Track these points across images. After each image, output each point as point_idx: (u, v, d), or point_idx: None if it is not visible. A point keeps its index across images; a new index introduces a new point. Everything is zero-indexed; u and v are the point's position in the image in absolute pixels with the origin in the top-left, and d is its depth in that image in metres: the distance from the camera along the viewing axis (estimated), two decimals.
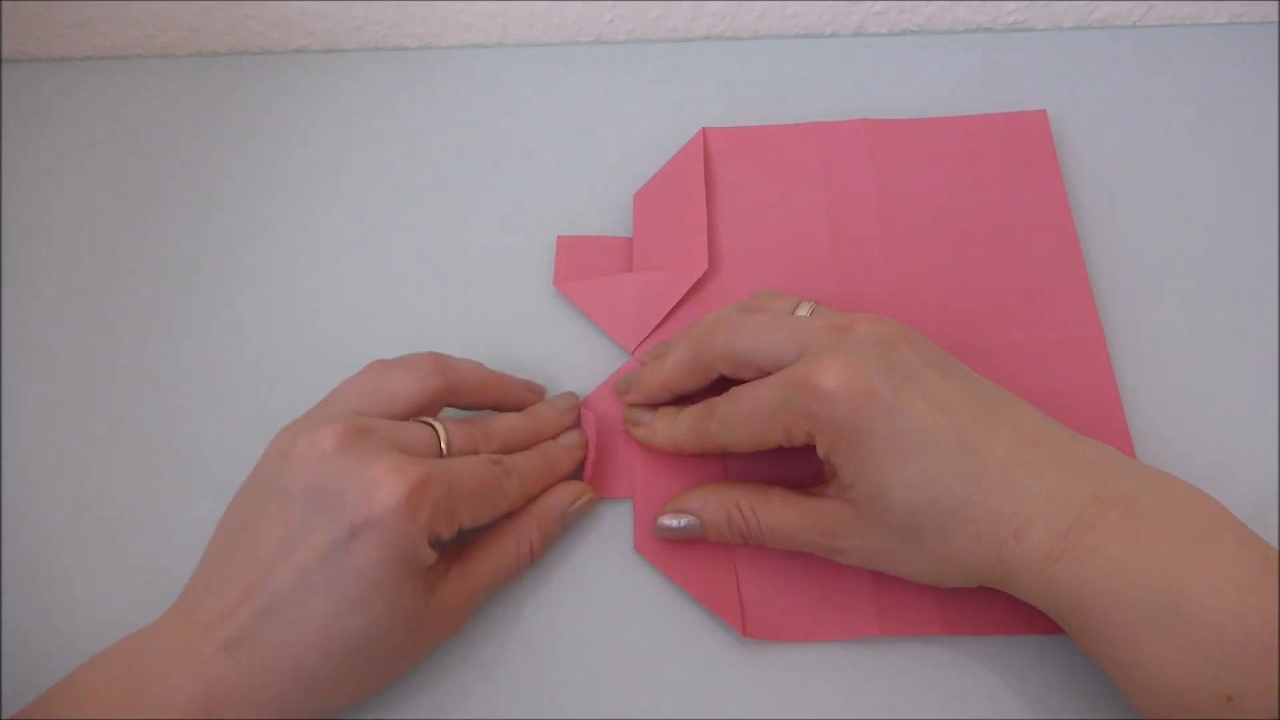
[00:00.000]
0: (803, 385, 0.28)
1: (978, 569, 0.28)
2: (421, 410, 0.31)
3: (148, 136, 0.44)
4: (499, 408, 0.34)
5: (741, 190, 0.40)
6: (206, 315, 0.39)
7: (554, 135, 0.43)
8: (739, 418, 0.30)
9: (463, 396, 0.33)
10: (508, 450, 0.32)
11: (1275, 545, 0.26)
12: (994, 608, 0.30)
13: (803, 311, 0.32)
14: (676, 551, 0.33)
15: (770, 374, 0.30)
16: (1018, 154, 0.40)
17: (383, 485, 0.26)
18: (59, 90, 0.46)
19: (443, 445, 0.30)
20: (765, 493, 0.31)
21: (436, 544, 0.28)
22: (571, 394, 0.36)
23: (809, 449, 0.29)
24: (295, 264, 0.40)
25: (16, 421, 0.37)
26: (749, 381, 0.30)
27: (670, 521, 0.32)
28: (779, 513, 0.30)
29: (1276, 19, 0.45)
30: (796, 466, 0.33)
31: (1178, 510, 0.26)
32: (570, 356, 0.37)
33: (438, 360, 0.32)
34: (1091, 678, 0.30)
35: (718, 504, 0.31)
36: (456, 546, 0.30)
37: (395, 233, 0.41)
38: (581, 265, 0.39)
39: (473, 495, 0.29)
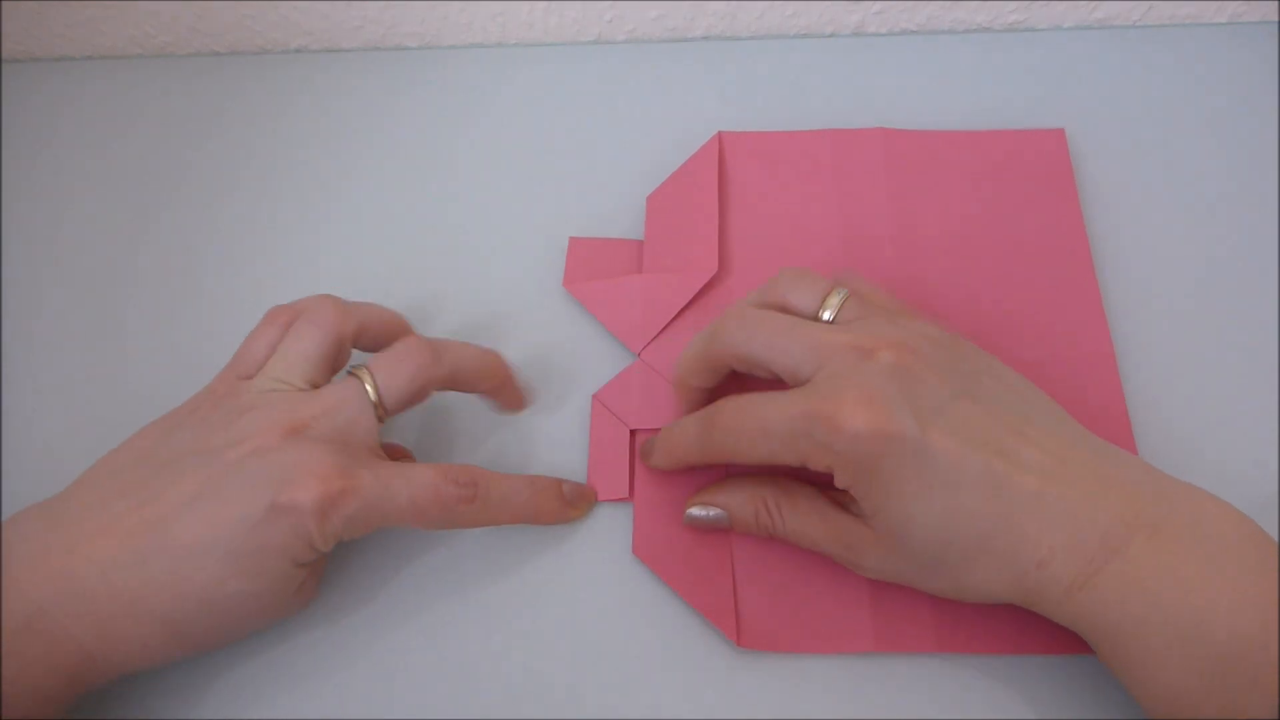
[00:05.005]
0: (826, 422, 0.27)
1: (999, 594, 0.27)
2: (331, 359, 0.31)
3: (148, 136, 0.44)
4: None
5: (755, 194, 0.40)
6: (207, 315, 0.40)
7: (551, 136, 0.43)
8: (749, 435, 0.29)
9: (366, 339, 0.33)
10: (458, 373, 0.32)
11: None
12: (991, 627, 0.31)
13: (829, 310, 0.30)
14: (675, 557, 0.33)
15: (783, 382, 0.29)
16: (1034, 171, 0.40)
17: (305, 482, 0.27)
18: (59, 90, 0.46)
19: (374, 399, 0.30)
20: (793, 494, 0.31)
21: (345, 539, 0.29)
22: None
23: None
24: (296, 264, 0.41)
25: (17, 424, 0.37)
26: (757, 391, 0.30)
27: (699, 512, 0.32)
28: (805, 517, 0.30)
29: (1276, 19, 0.45)
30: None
31: (1205, 532, 0.26)
32: (578, 356, 0.38)
33: (340, 311, 0.32)
34: (1089, 692, 0.30)
35: (746, 498, 0.31)
36: None
37: (396, 233, 0.41)
38: (591, 266, 0.39)
39: (406, 513, 0.29)
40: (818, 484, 0.31)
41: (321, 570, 0.31)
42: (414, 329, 0.35)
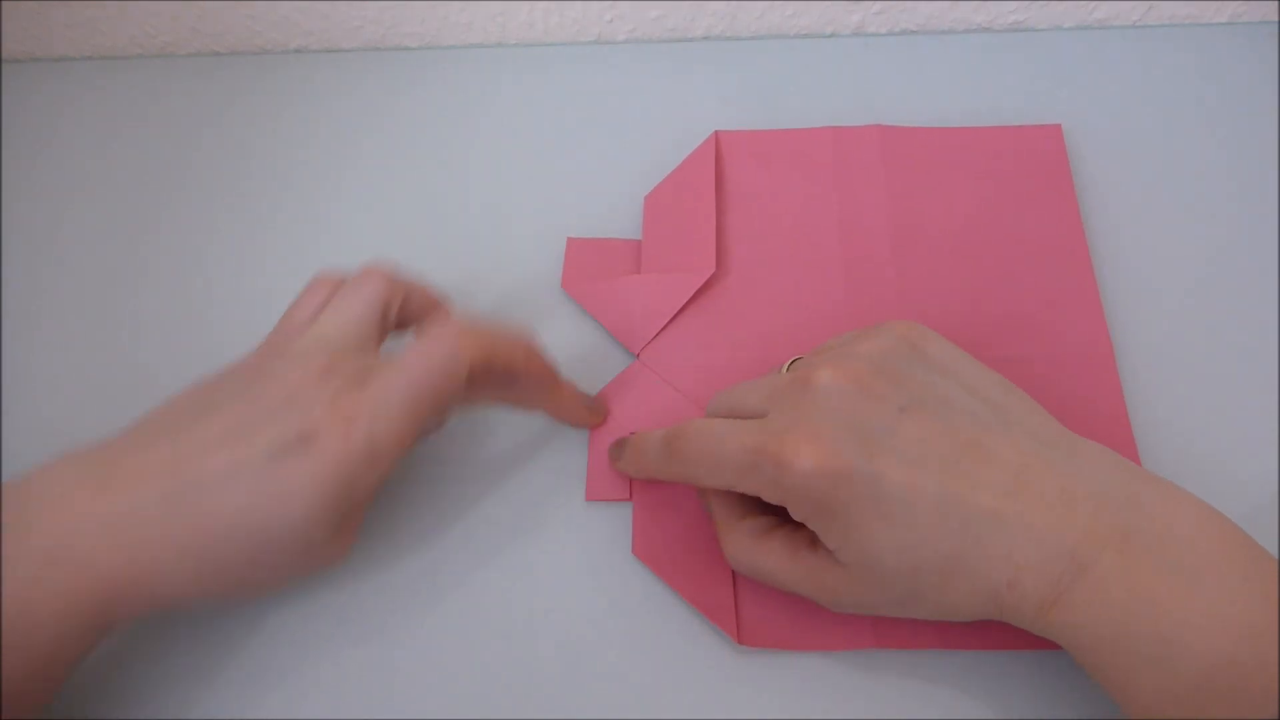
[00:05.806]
0: (773, 459, 0.27)
1: (979, 613, 0.27)
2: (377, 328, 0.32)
3: (148, 136, 0.45)
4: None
5: (753, 193, 0.40)
6: (208, 315, 0.40)
7: (551, 136, 0.43)
8: (705, 465, 0.29)
9: (406, 312, 0.33)
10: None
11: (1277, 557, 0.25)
12: (993, 626, 0.30)
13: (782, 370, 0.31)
14: (674, 557, 0.33)
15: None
16: (1032, 167, 0.40)
17: (332, 413, 0.27)
18: (59, 90, 0.46)
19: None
20: (768, 537, 0.30)
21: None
22: (600, 399, 0.36)
23: None
24: (297, 265, 0.40)
25: (18, 423, 0.37)
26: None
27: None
28: (776, 559, 0.30)
29: (1276, 19, 0.45)
30: None
31: (1179, 542, 0.25)
32: (577, 358, 0.37)
33: (387, 280, 0.32)
34: (1092, 688, 0.30)
35: (725, 518, 0.31)
36: None
37: (397, 233, 0.41)
38: (590, 267, 0.39)
39: (410, 403, 0.29)
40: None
41: (359, 521, 0.30)
42: (453, 308, 0.35)
